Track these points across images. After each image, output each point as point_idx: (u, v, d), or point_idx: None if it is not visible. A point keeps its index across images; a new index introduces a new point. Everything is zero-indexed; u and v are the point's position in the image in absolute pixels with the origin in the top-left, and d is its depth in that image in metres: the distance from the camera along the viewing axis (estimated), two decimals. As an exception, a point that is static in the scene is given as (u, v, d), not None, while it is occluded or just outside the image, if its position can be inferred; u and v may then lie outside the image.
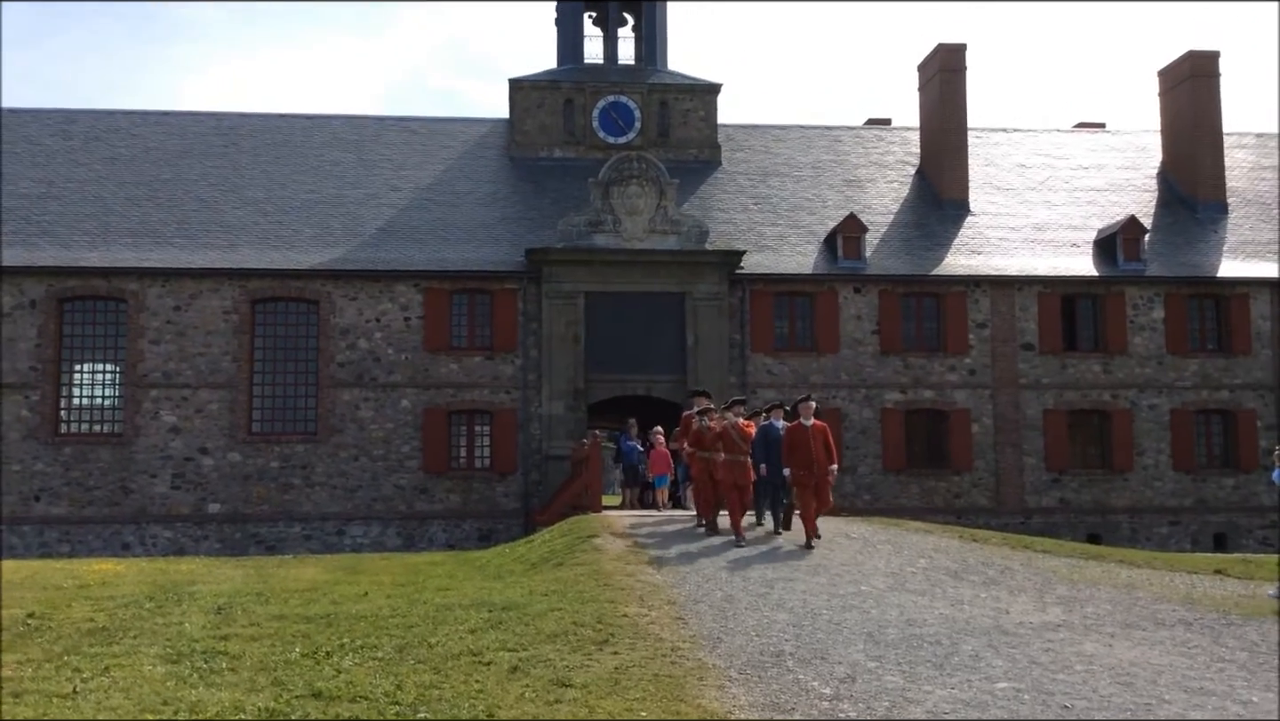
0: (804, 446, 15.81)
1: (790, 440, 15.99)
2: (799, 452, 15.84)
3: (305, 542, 29.66)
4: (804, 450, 15.80)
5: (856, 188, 36.45)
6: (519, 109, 36.67)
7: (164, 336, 30.50)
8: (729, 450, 16.55)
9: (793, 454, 15.89)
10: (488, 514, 30.69)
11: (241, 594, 12.78)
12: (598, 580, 12.65)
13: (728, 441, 16.59)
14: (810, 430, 15.87)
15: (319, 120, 37.76)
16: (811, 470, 15.75)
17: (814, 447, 15.76)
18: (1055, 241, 34.64)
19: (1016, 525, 30.36)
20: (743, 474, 16.49)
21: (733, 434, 16.57)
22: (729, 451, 16.53)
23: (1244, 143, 39.68)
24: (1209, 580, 14.36)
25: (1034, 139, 40.03)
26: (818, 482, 15.78)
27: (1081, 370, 32.98)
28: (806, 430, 15.86)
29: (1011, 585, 13.10)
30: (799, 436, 15.90)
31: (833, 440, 16.37)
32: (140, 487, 29.97)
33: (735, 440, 16.52)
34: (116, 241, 31.55)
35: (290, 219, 33.02)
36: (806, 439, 15.81)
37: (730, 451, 16.52)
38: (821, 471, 15.80)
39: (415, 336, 31.14)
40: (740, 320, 32.03)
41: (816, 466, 15.75)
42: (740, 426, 16.74)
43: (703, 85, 37.29)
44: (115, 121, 36.39)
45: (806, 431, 15.86)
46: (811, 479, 15.76)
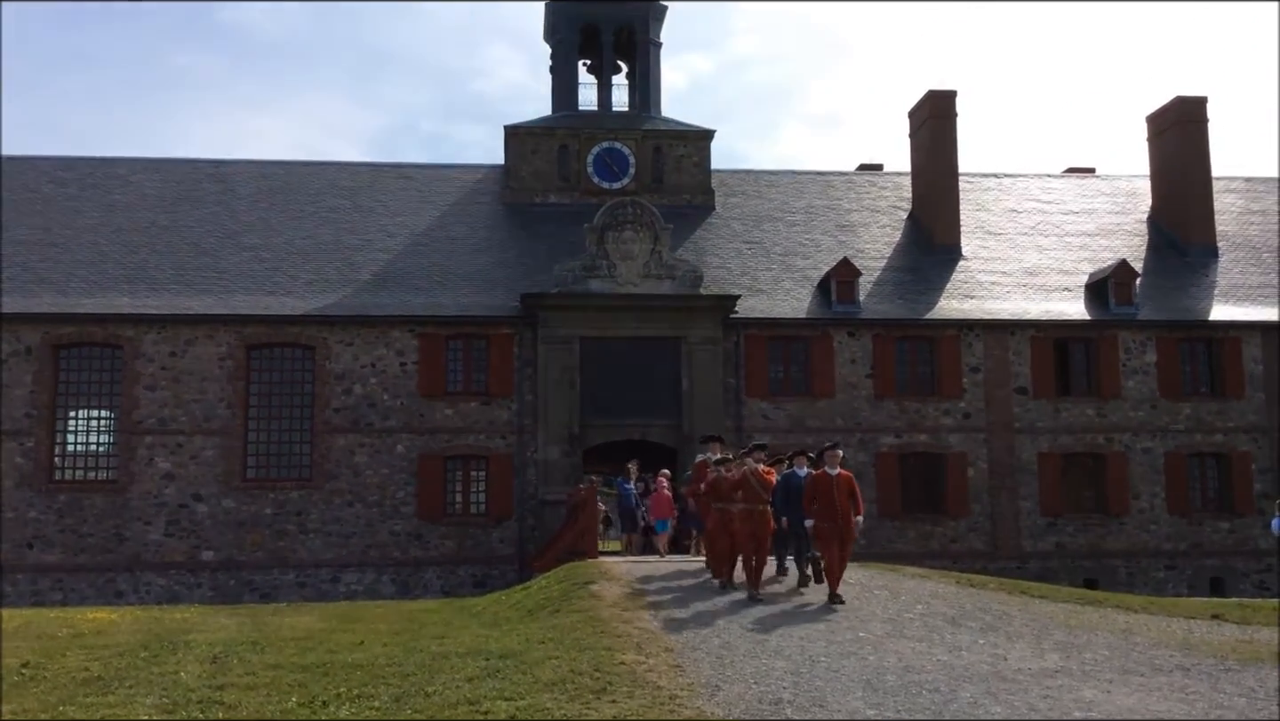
0: (827, 496, 14.89)
1: (813, 489, 15.10)
2: (822, 502, 14.92)
3: (299, 590, 29.48)
4: (827, 500, 14.88)
5: (849, 232, 36.70)
6: (514, 155, 36.95)
7: (159, 383, 30.49)
8: (748, 499, 15.46)
9: (815, 503, 14.99)
10: (483, 560, 30.56)
11: (237, 642, 12.71)
12: (595, 627, 12.61)
13: (747, 490, 15.51)
14: (835, 479, 14.95)
15: (315, 167, 38.03)
16: (835, 521, 14.82)
17: (838, 497, 14.84)
18: (1047, 286, 34.84)
19: (1013, 570, 30.31)
20: (761, 525, 15.44)
21: (752, 481, 15.49)
22: (748, 500, 15.45)
23: (1233, 187, 40.05)
24: (1206, 625, 14.34)
25: (1024, 184, 40.39)
26: (841, 535, 14.85)
27: (1075, 414, 33.05)
28: (831, 479, 14.96)
29: (1009, 631, 13.08)
30: (823, 485, 14.98)
31: (859, 491, 15.37)
32: (134, 535, 29.82)
33: (755, 488, 15.47)
34: (113, 288, 31.62)
35: (286, 265, 33.14)
36: (830, 488, 14.90)
37: (750, 500, 15.44)
38: (846, 523, 14.87)
39: (410, 382, 31.17)
40: (735, 364, 32.11)
41: (840, 518, 14.83)
42: (760, 473, 15.65)
43: (696, 131, 37.63)
44: (113, 169, 36.60)
45: (831, 480, 14.95)
46: (835, 531, 14.82)
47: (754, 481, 15.44)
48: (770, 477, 15.71)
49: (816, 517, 14.94)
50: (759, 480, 15.49)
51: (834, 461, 15.10)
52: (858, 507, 15.07)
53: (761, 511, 15.39)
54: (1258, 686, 10.02)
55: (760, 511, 15.38)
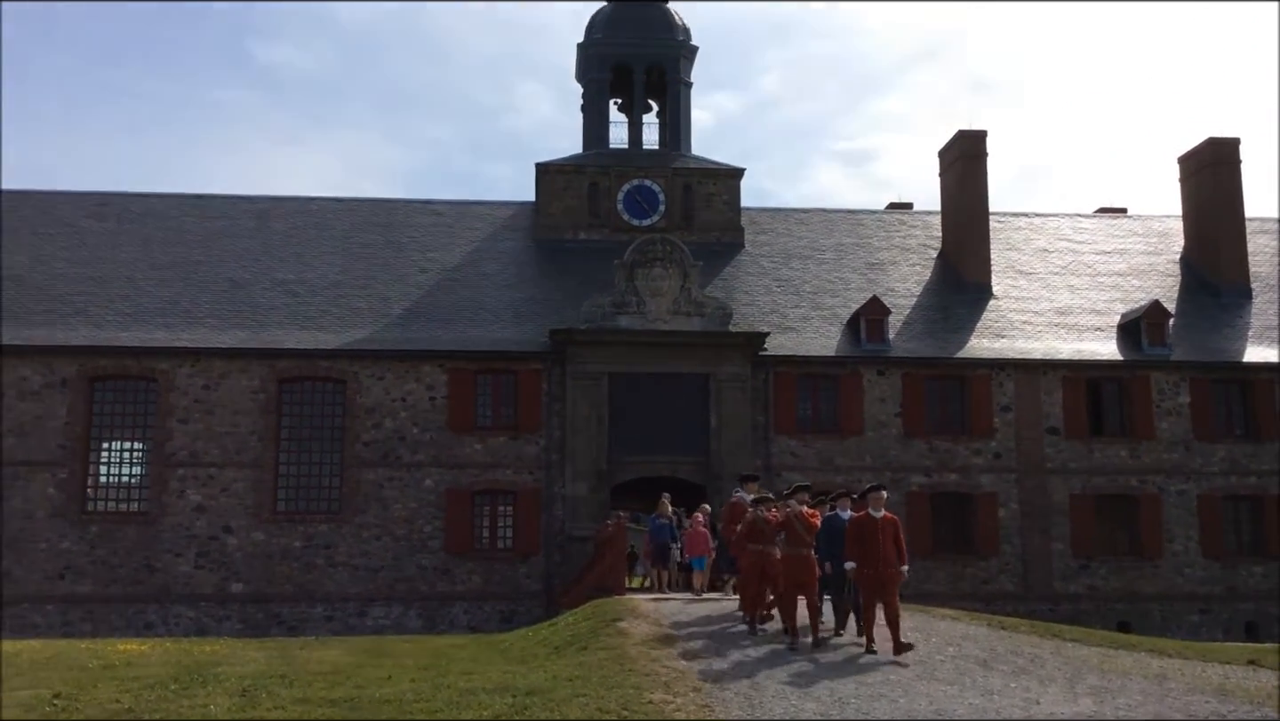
0: (871, 540, 13.90)
1: (855, 532, 14.14)
2: (865, 547, 13.93)
3: (327, 623, 29.53)
4: (871, 544, 13.89)
5: (879, 271, 36.67)
6: (545, 192, 37.23)
7: (192, 415, 30.77)
8: (792, 542, 14.56)
9: (857, 547, 14.03)
10: (510, 595, 30.52)
11: (265, 676, 12.74)
12: (622, 665, 12.57)
13: (791, 533, 14.59)
14: (879, 522, 13.98)
15: (348, 203, 38.44)
16: (878, 568, 13.81)
17: (882, 542, 13.85)
18: (1079, 325, 34.66)
19: (1045, 612, 29.93)
20: (806, 570, 14.46)
21: (796, 524, 14.56)
22: (792, 544, 14.55)
23: (1266, 228, 39.77)
24: (1242, 670, 14.11)
25: (1055, 223, 40.27)
26: (885, 583, 13.81)
27: (1108, 455, 32.75)
28: (875, 522, 13.99)
29: (1041, 674, 12.92)
30: (866, 528, 14.01)
31: (903, 536, 14.32)
32: (165, 566, 29.99)
33: (799, 531, 14.53)
34: (149, 321, 32.01)
35: (319, 299, 33.46)
36: (875, 531, 13.92)
37: (793, 543, 14.54)
38: (890, 570, 13.83)
39: (440, 416, 31.29)
40: (764, 402, 32.05)
41: (883, 564, 13.82)
42: (805, 516, 14.71)
43: (726, 169, 37.82)
44: (150, 204, 37.13)
45: (875, 523, 13.98)
46: (878, 578, 13.83)
47: (798, 524, 14.59)
48: (815, 520, 14.84)
49: (858, 563, 14.05)
50: (803, 523, 14.63)
51: (878, 504, 14.19)
52: (902, 555, 14.03)
53: (806, 556, 14.50)
54: (1296, 735, 9.85)
55: (804, 556, 14.50)
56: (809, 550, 14.47)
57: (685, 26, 39.89)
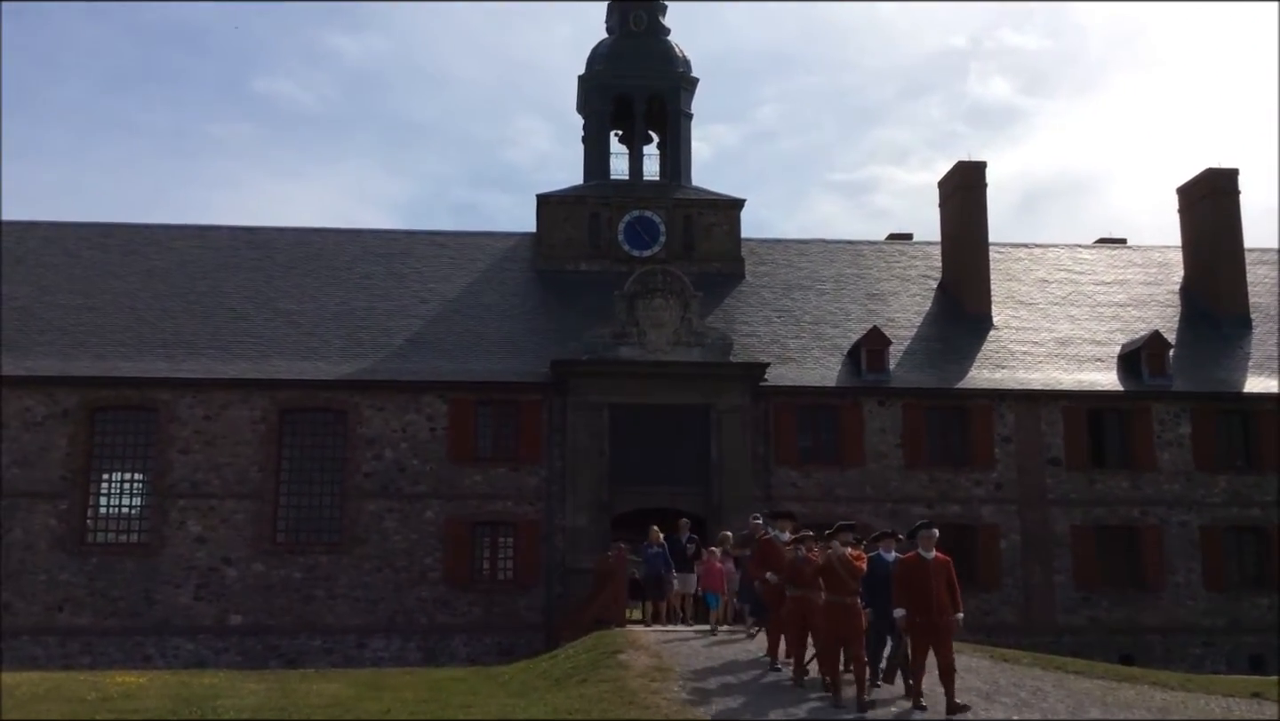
0: (922, 585, 12.42)
1: (905, 576, 12.67)
2: (916, 592, 12.45)
3: (326, 656, 29.38)
4: (922, 589, 12.41)
5: (879, 301, 36.74)
6: (546, 223, 37.37)
7: (193, 446, 30.75)
8: (833, 589, 13.12)
9: (908, 593, 12.56)
10: (510, 627, 30.37)
11: (264, 709, 12.70)
12: (623, 698, 12.53)
13: (831, 578, 13.16)
14: (931, 564, 12.55)
15: (350, 234, 38.59)
16: (931, 615, 12.35)
17: (935, 586, 12.42)
18: (1079, 356, 34.69)
19: (1047, 644, 29.67)
20: (850, 620, 13.00)
21: (839, 569, 13.11)
22: (833, 591, 13.12)
23: (1265, 259, 39.86)
24: (1246, 703, 14.06)
25: (1055, 254, 40.38)
26: (939, 632, 12.39)
27: (1109, 486, 32.69)
28: (927, 564, 12.54)
29: (1044, 708, 12.87)
30: (916, 571, 12.54)
31: (956, 578, 12.82)
32: (164, 598, 29.88)
33: (842, 577, 13.07)
34: (150, 352, 32.05)
35: (320, 330, 33.52)
36: (927, 575, 12.45)
37: (835, 591, 13.09)
38: (944, 617, 12.41)
39: (440, 447, 31.27)
40: (764, 433, 32.03)
41: (937, 612, 12.38)
42: (849, 559, 13.23)
43: (726, 200, 37.98)
44: (152, 235, 37.27)
45: (927, 566, 12.53)
46: (931, 627, 12.37)
47: (841, 568, 13.13)
48: (860, 564, 13.34)
49: (909, 610, 12.53)
50: (847, 567, 13.15)
51: (929, 543, 12.69)
52: (956, 601, 12.61)
53: (850, 605, 13.03)
54: (1300, 769, 9.80)
55: (849, 605, 13.03)
56: (854, 597, 13.06)
57: (685, 58, 40.18)
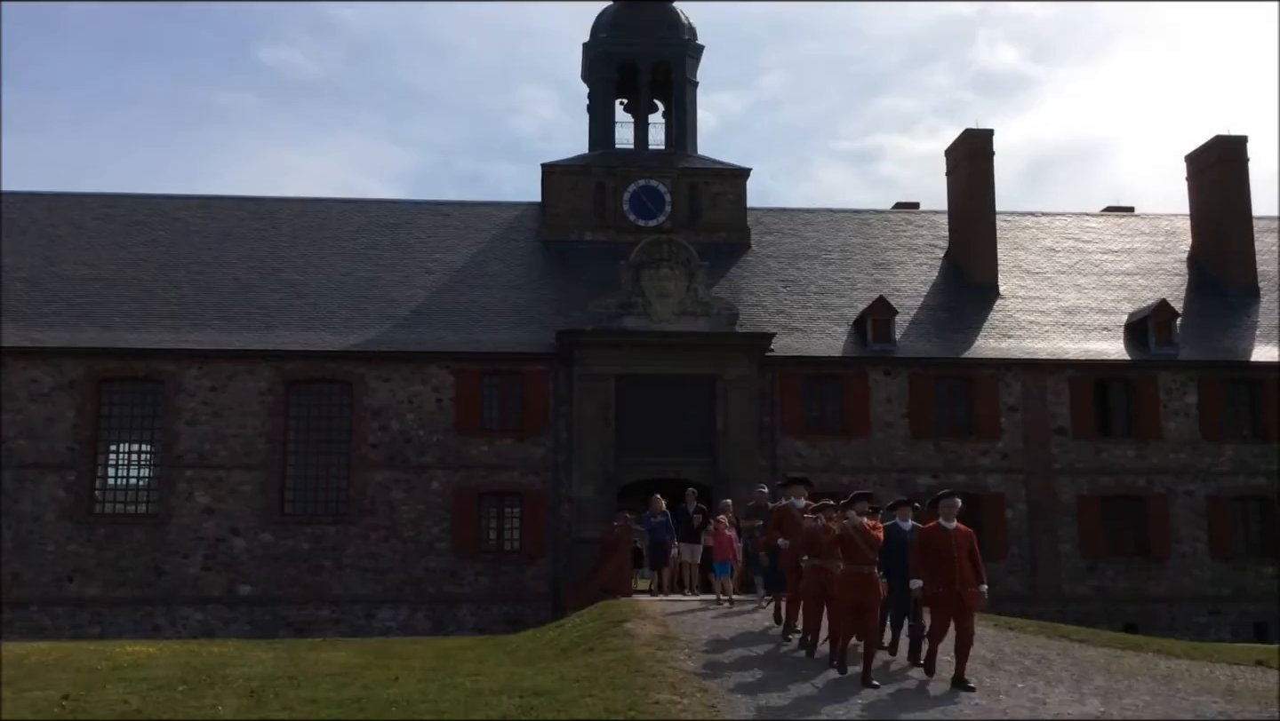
0: (945, 556, 12.16)
1: (926, 546, 12.40)
2: (939, 564, 12.21)
3: (334, 625, 29.56)
4: (945, 561, 12.15)
5: (885, 271, 36.63)
6: (551, 193, 37.24)
7: (200, 417, 30.82)
8: (851, 559, 12.78)
9: (929, 564, 12.31)
10: (517, 597, 30.51)
11: (274, 677, 12.78)
12: (629, 666, 12.59)
13: (849, 548, 12.84)
14: (953, 535, 12.29)
15: (355, 204, 38.53)
16: (954, 587, 12.10)
17: (958, 558, 12.17)
18: (1086, 325, 34.59)
19: (1052, 613, 29.78)
20: (869, 591, 12.69)
21: (856, 539, 12.80)
22: (851, 561, 12.77)
23: (1273, 227, 39.58)
24: (1250, 671, 14.10)
25: (1062, 223, 40.20)
26: (961, 605, 12.17)
27: (1115, 455, 32.67)
28: (949, 534, 12.28)
29: (1049, 675, 12.92)
30: (939, 543, 12.25)
31: (978, 549, 12.62)
32: (173, 569, 30.05)
33: (860, 547, 12.76)
34: (156, 323, 32.07)
35: (326, 301, 33.50)
36: (949, 546, 12.19)
37: (853, 561, 12.75)
38: (968, 590, 12.19)
39: (447, 418, 31.31)
40: (770, 403, 32.02)
41: (961, 584, 12.14)
42: (866, 529, 12.98)
43: (732, 169, 37.80)
44: (157, 206, 37.21)
45: (949, 536, 12.27)
46: (953, 599, 12.13)
47: (858, 539, 12.81)
48: (878, 534, 13.13)
49: (929, 582, 12.30)
50: (865, 537, 12.85)
51: (951, 513, 12.46)
52: (979, 573, 12.36)
53: (868, 575, 12.71)
54: (1304, 736, 9.84)
55: (867, 575, 12.70)
56: (872, 567, 12.74)
57: (691, 25, 39.88)
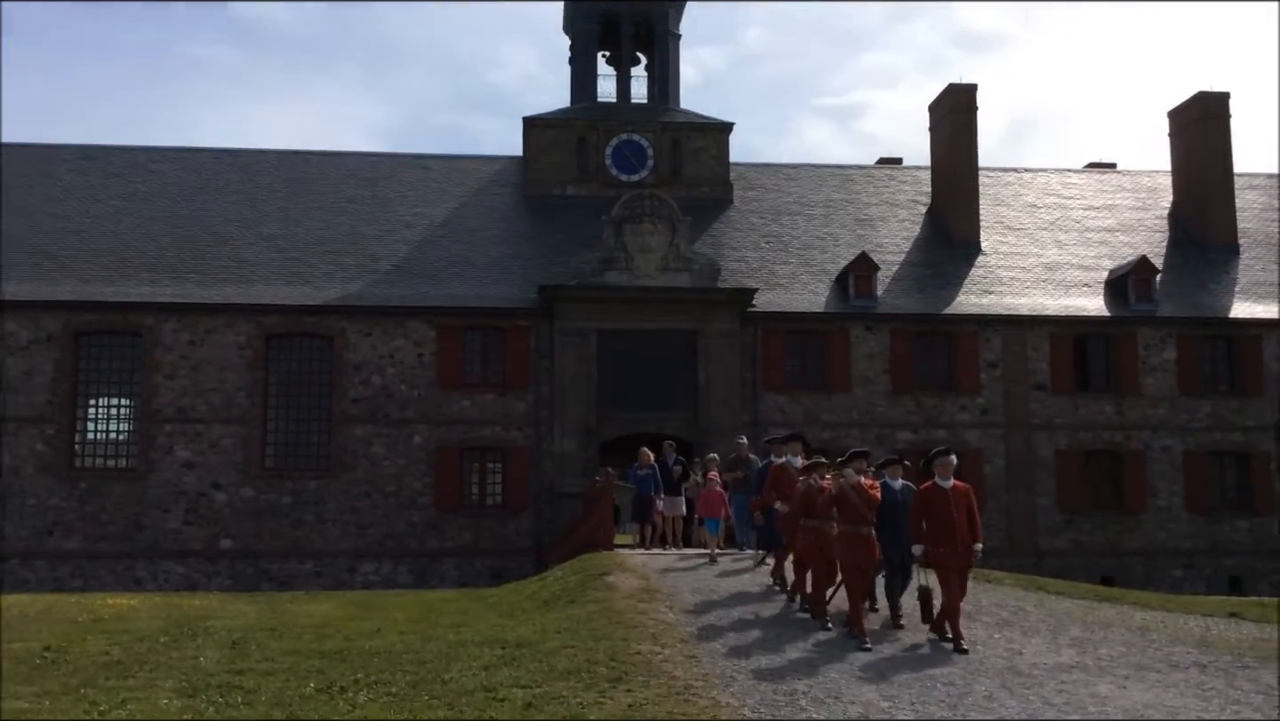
0: (944, 516, 11.82)
1: (925, 506, 12.04)
2: (938, 524, 11.85)
3: (316, 579, 29.63)
4: (944, 521, 11.81)
5: (868, 227, 36.59)
6: (533, 146, 36.97)
7: (179, 371, 30.66)
8: (848, 519, 12.31)
9: (929, 525, 11.95)
10: (499, 551, 30.63)
11: (255, 629, 12.81)
12: (610, 618, 12.66)
13: (845, 508, 12.35)
14: (950, 493, 11.93)
15: (334, 157, 38.16)
16: (954, 547, 11.78)
17: (957, 518, 11.81)
18: (1066, 281, 34.69)
19: (1029, 566, 30.15)
20: (866, 552, 12.31)
21: (853, 498, 12.31)
22: (847, 521, 12.31)
23: (1254, 184, 39.76)
24: (1223, 623, 14.29)
25: (1044, 179, 40.20)
26: (961, 564, 11.89)
27: (1093, 410, 32.90)
28: (946, 493, 11.92)
29: (1025, 626, 13.06)
30: (937, 501, 11.92)
31: (976, 508, 12.27)
32: (153, 522, 30.01)
33: (857, 506, 12.28)
34: (133, 276, 31.80)
35: (305, 255, 33.27)
36: (947, 505, 11.85)
37: (850, 521, 12.29)
38: (965, 549, 11.85)
39: (428, 373, 31.25)
40: (752, 358, 32.07)
41: (960, 544, 11.80)
42: (863, 488, 12.45)
43: (715, 124, 37.59)
44: (134, 157, 36.78)
45: (946, 495, 11.91)
46: (954, 558, 11.80)
47: (855, 498, 12.32)
48: (875, 493, 12.57)
49: (929, 542, 11.96)
50: (862, 496, 12.36)
51: (946, 471, 12.08)
52: (976, 531, 11.99)
53: (866, 535, 12.28)
54: (1275, 684, 9.99)
55: (864, 535, 12.27)
56: (869, 528, 12.32)
57: (674, -23, 39.49)
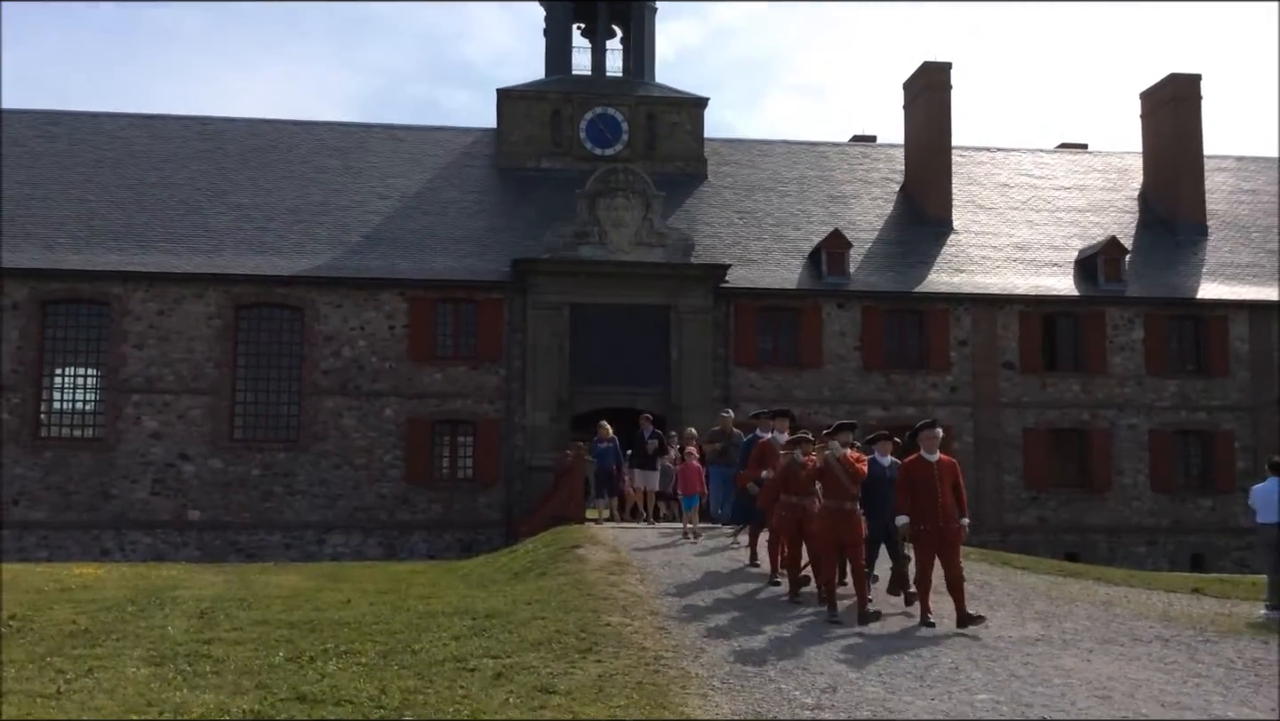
0: (929, 490, 11.49)
1: (911, 480, 11.62)
2: (923, 498, 11.50)
3: (285, 551, 29.54)
4: (928, 494, 11.48)
5: (841, 204, 36.67)
6: (506, 119, 36.75)
7: (147, 341, 30.38)
8: (832, 494, 11.96)
9: (914, 499, 11.55)
10: (470, 524, 30.64)
11: (224, 599, 12.76)
12: (580, 590, 12.69)
13: (830, 482, 11.98)
14: (936, 466, 11.61)
15: (305, 126, 37.80)
16: (938, 523, 11.44)
17: (941, 491, 11.51)
18: (1037, 261, 34.92)
19: (995, 542, 30.39)
20: (851, 528, 11.91)
21: (838, 471, 11.90)
22: (832, 496, 11.96)
23: (1224, 165, 40.11)
24: (1186, 599, 14.49)
25: (1017, 158, 40.37)
26: (947, 540, 11.52)
27: (1061, 389, 33.21)
28: (931, 467, 11.60)
29: (991, 600, 13.19)
30: (921, 474, 11.57)
31: (963, 482, 11.96)
32: (121, 493, 29.81)
33: (842, 481, 11.89)
34: (100, 244, 31.44)
35: (275, 225, 32.98)
36: (932, 479, 11.52)
37: (834, 496, 11.93)
38: (952, 524, 11.52)
39: (400, 345, 31.12)
40: (724, 334, 32.13)
41: (944, 519, 11.48)
42: (848, 461, 12.00)
43: (690, 99, 37.49)
44: (101, 124, 36.30)
45: (931, 469, 11.59)
46: (937, 534, 11.47)
47: (840, 472, 11.91)
48: (861, 466, 12.14)
49: (913, 517, 11.53)
50: (847, 470, 11.93)
51: (932, 444, 11.74)
52: (963, 506, 11.66)
53: (850, 511, 11.94)
54: (1236, 657, 10.15)
55: (848, 511, 11.93)
56: (854, 502, 12.00)
57: (649, -52, 39.25)
